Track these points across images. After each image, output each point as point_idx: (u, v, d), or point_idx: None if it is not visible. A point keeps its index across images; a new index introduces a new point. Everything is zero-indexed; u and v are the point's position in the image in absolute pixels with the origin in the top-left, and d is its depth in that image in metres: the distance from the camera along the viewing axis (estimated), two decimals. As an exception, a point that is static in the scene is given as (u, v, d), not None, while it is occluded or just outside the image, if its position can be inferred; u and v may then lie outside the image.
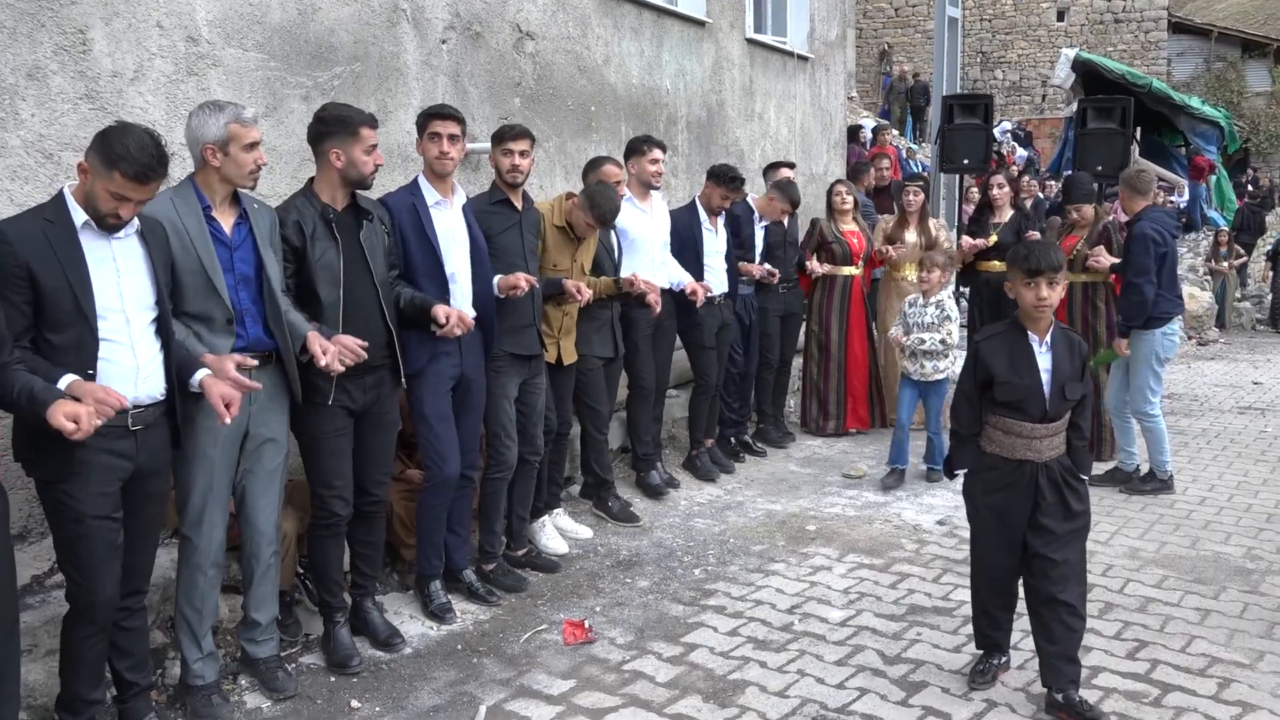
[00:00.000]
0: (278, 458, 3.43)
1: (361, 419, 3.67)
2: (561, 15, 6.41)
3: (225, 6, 4.38)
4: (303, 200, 3.57)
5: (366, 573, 3.93)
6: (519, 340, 4.37)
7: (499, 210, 4.34)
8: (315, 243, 3.49)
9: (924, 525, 5.29)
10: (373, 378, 3.64)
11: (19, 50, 3.67)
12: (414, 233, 3.90)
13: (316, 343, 3.25)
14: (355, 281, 3.57)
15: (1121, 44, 26.34)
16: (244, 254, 3.28)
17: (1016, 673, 3.65)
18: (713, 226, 5.93)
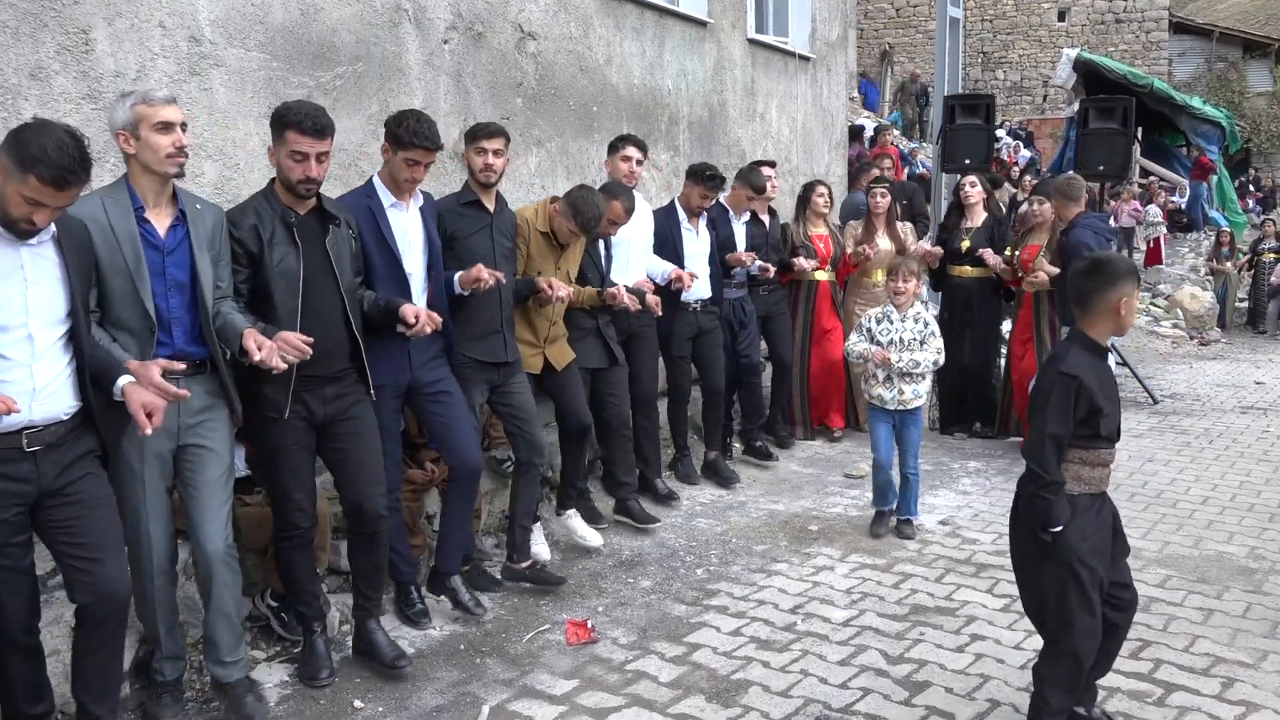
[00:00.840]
0: (219, 469, 3.23)
1: (330, 430, 3.49)
2: (563, 15, 6.41)
3: (228, 6, 4.38)
4: (262, 202, 3.38)
5: (369, 594, 3.73)
6: (483, 346, 4.19)
7: (469, 211, 4.19)
8: (273, 248, 3.32)
9: (927, 525, 5.28)
10: (334, 389, 3.47)
11: (21, 50, 3.67)
12: (371, 235, 3.75)
13: (251, 338, 3.04)
14: (318, 289, 3.39)
15: (1123, 44, 26.34)
16: (178, 258, 3.09)
17: (1018, 672, 3.65)
18: (693, 227, 5.76)
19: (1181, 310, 13.21)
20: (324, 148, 3.34)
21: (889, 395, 5.09)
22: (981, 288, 6.92)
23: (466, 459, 4.00)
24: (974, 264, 6.80)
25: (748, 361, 6.28)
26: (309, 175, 3.32)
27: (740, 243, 6.16)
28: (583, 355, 4.83)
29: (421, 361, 3.88)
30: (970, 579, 4.54)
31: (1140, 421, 7.75)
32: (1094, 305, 2.93)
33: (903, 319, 5.10)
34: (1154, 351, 11.13)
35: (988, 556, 4.82)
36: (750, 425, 6.51)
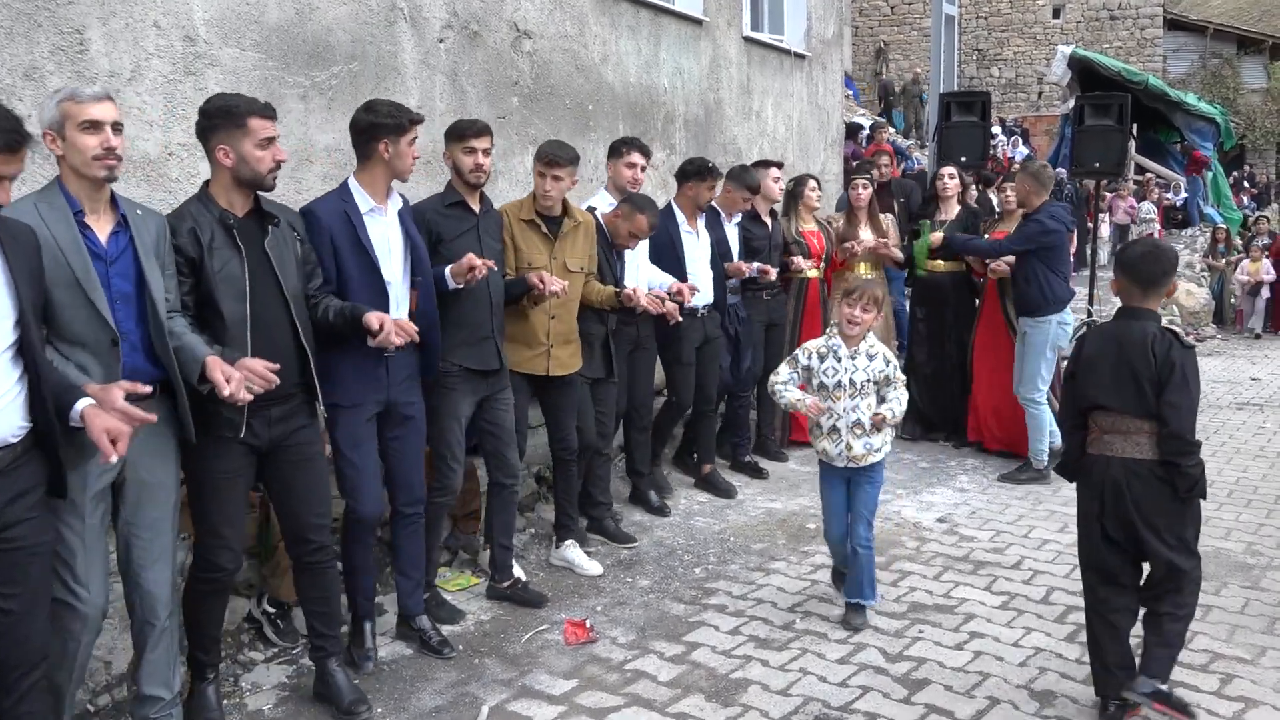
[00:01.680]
0: (165, 505, 2.97)
1: (274, 457, 3.21)
2: (559, 14, 6.40)
3: (223, 6, 4.37)
4: (198, 205, 3.12)
5: (324, 632, 3.43)
6: (473, 354, 3.97)
7: (454, 213, 3.98)
8: (215, 253, 3.05)
9: (924, 523, 5.28)
10: (281, 409, 3.16)
11: (15, 50, 3.66)
12: (347, 241, 3.48)
13: (218, 369, 2.80)
14: (261, 296, 3.11)
15: (1117, 40, 26.39)
16: (122, 268, 2.82)
17: (1017, 669, 3.65)
18: (693, 229, 5.51)
19: (1177, 307, 13.23)
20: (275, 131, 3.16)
21: (835, 450, 3.98)
22: (955, 283, 6.73)
23: (413, 492, 3.77)
24: (947, 259, 6.64)
25: (752, 373, 6.08)
26: (279, 159, 3.15)
27: (734, 245, 5.88)
28: (586, 364, 4.65)
29: (400, 379, 3.62)
30: (968, 576, 4.55)
31: (1137, 418, 7.75)
32: (1158, 286, 3.22)
33: (853, 355, 3.96)
34: (1150, 348, 11.13)
35: (985, 554, 4.82)
36: (741, 440, 6.29)
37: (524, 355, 4.33)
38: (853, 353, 3.97)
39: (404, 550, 3.84)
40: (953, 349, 6.77)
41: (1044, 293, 5.83)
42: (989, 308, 6.46)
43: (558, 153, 4.25)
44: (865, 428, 3.92)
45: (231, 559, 3.18)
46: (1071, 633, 3.95)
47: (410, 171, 3.60)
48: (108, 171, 2.75)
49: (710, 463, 5.91)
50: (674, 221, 5.45)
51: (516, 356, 4.29)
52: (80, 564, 2.75)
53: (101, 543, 2.82)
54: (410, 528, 3.81)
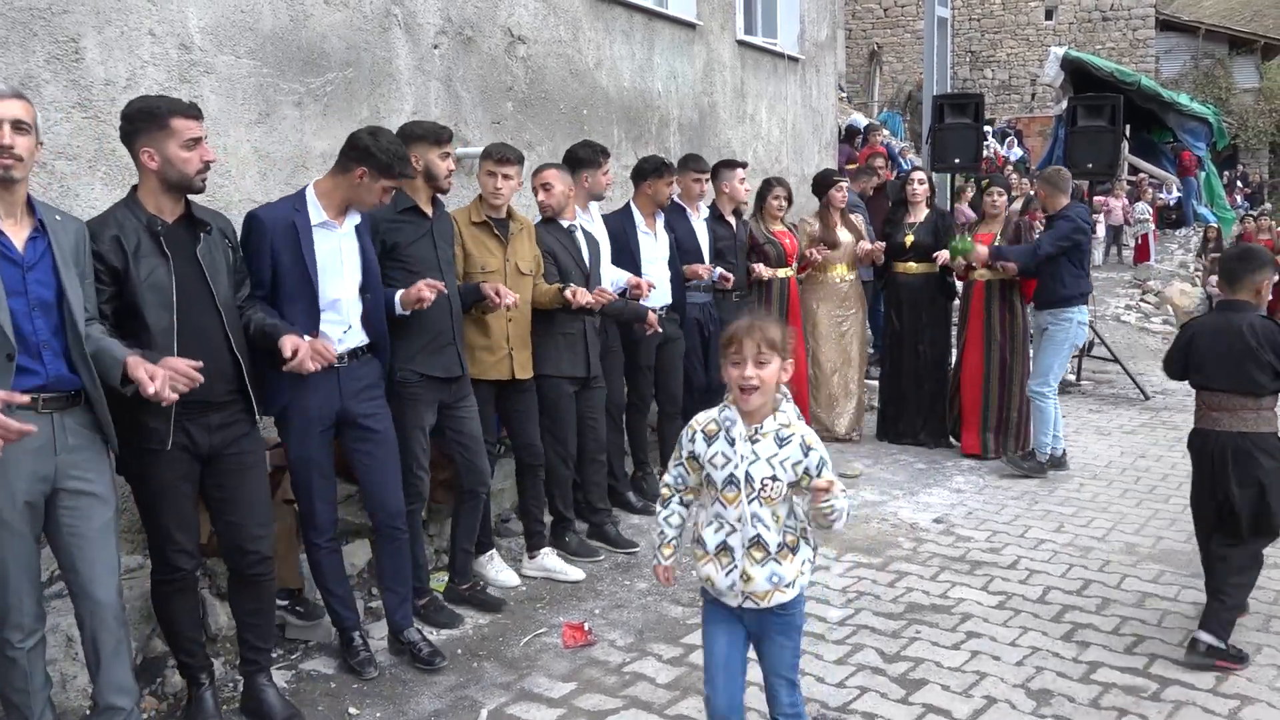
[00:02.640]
0: (105, 513, 2.86)
1: (215, 465, 3.16)
2: (553, 19, 6.42)
3: (217, 14, 4.38)
4: (123, 211, 3.01)
5: (257, 645, 3.36)
6: (434, 361, 3.89)
7: (407, 219, 3.86)
8: (140, 260, 2.95)
9: (921, 524, 5.30)
10: (219, 416, 3.11)
11: (11, 60, 3.67)
12: (288, 251, 3.38)
13: (140, 368, 2.70)
14: (192, 305, 3.03)
15: (1110, 42, 26.46)
16: (40, 275, 2.70)
17: (1014, 669, 3.66)
18: (650, 230, 5.42)
19: (1171, 306, 13.27)
20: (202, 131, 3.05)
21: (724, 582, 2.67)
22: (928, 284, 6.68)
23: (390, 508, 3.70)
24: (919, 260, 6.61)
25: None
26: (207, 160, 3.03)
27: (702, 240, 5.78)
28: (567, 364, 4.62)
29: (355, 389, 3.53)
30: (965, 576, 4.56)
31: (1132, 418, 7.79)
32: (1242, 284, 3.78)
33: (754, 435, 2.60)
34: (1145, 348, 11.18)
35: (982, 554, 4.84)
36: None
37: (487, 361, 4.27)
38: (753, 432, 2.59)
39: (387, 565, 3.80)
40: (927, 349, 6.76)
41: (1068, 287, 5.97)
42: (976, 309, 6.44)
43: (507, 152, 4.23)
44: (769, 549, 2.59)
45: (188, 560, 3.16)
46: (1068, 631, 3.97)
47: (368, 208, 3.53)
48: (3, 171, 2.60)
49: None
50: (631, 222, 5.39)
51: (479, 364, 4.24)
52: (13, 582, 2.68)
53: (29, 555, 2.73)
54: (392, 543, 3.76)
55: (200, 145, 3.00)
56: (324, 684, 3.63)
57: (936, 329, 6.78)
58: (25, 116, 2.64)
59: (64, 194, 3.79)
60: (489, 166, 4.23)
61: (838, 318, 6.84)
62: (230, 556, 3.29)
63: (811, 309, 6.79)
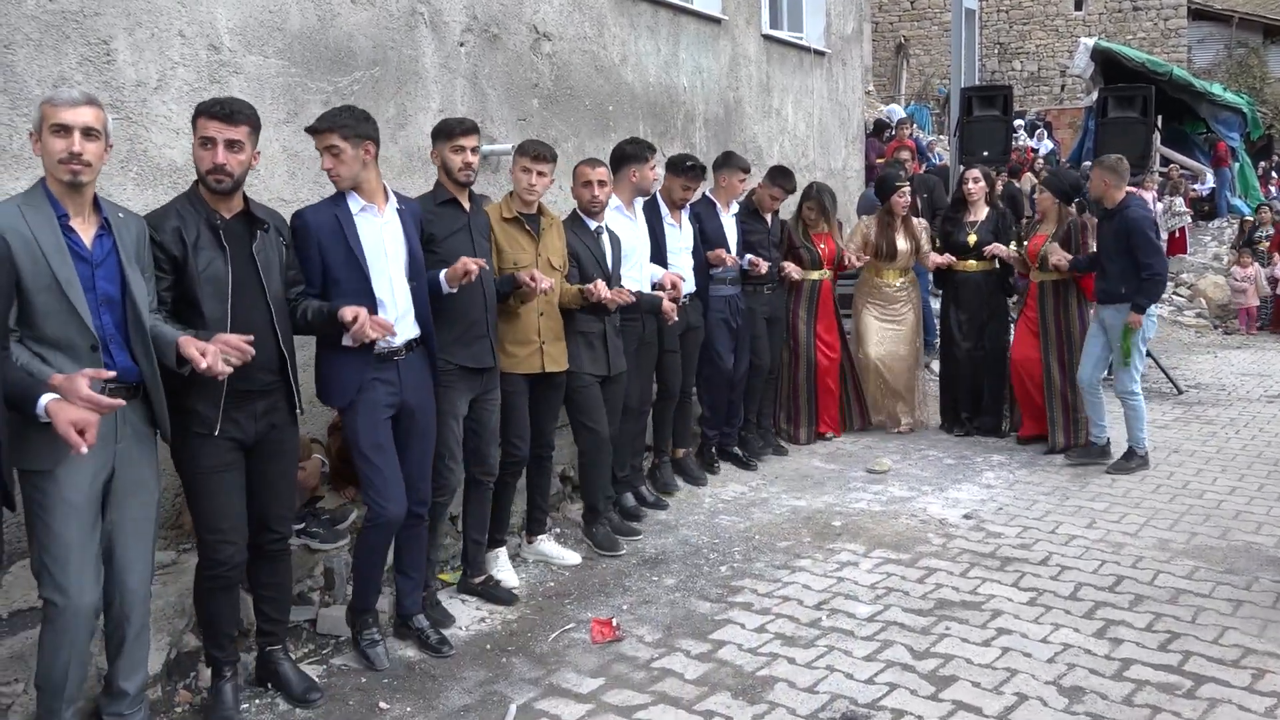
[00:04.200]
0: (149, 504, 2.97)
1: (255, 451, 3.26)
2: (578, 16, 6.42)
3: (246, 14, 4.42)
4: (185, 205, 3.13)
5: (274, 618, 3.49)
6: (469, 352, 3.97)
7: (446, 211, 3.96)
8: (199, 252, 3.07)
9: (950, 519, 5.26)
10: (264, 403, 3.23)
11: (45, 62, 3.72)
12: (335, 244, 3.48)
13: (191, 345, 2.80)
14: (245, 298, 3.14)
15: (1141, 32, 26.12)
16: (107, 271, 2.83)
17: (1045, 666, 3.63)
18: (676, 222, 5.51)
19: (1205, 299, 13.07)
20: (234, 134, 3.06)
21: None
22: (988, 282, 6.76)
23: (419, 494, 3.76)
24: (979, 259, 6.66)
25: (758, 362, 6.14)
26: (217, 163, 3.04)
27: (730, 236, 5.87)
28: (587, 362, 4.66)
29: (413, 382, 3.66)
30: (995, 573, 4.53)
31: (1165, 412, 7.69)
32: None
33: None
34: (1178, 341, 11.04)
35: (1012, 550, 4.80)
36: (730, 430, 6.27)
37: (518, 355, 4.31)
38: None
39: (406, 550, 3.85)
40: (988, 345, 6.81)
41: (1132, 280, 5.80)
42: (1029, 308, 6.46)
43: (542, 149, 4.26)
44: None
45: (234, 552, 3.22)
46: (1100, 629, 3.93)
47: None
48: (71, 176, 2.72)
49: (685, 447, 5.95)
50: (658, 213, 5.46)
51: (510, 358, 4.28)
52: (74, 563, 2.76)
53: (94, 542, 2.84)
54: (413, 529, 3.81)
55: (215, 147, 3.03)
56: (354, 678, 3.65)
57: (996, 326, 6.83)
58: (95, 123, 2.75)
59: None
60: (524, 163, 4.25)
61: (886, 319, 6.93)
62: (254, 534, 3.35)
63: (859, 310, 6.90)
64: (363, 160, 3.49)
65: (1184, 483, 5.85)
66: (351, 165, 3.48)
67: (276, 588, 3.49)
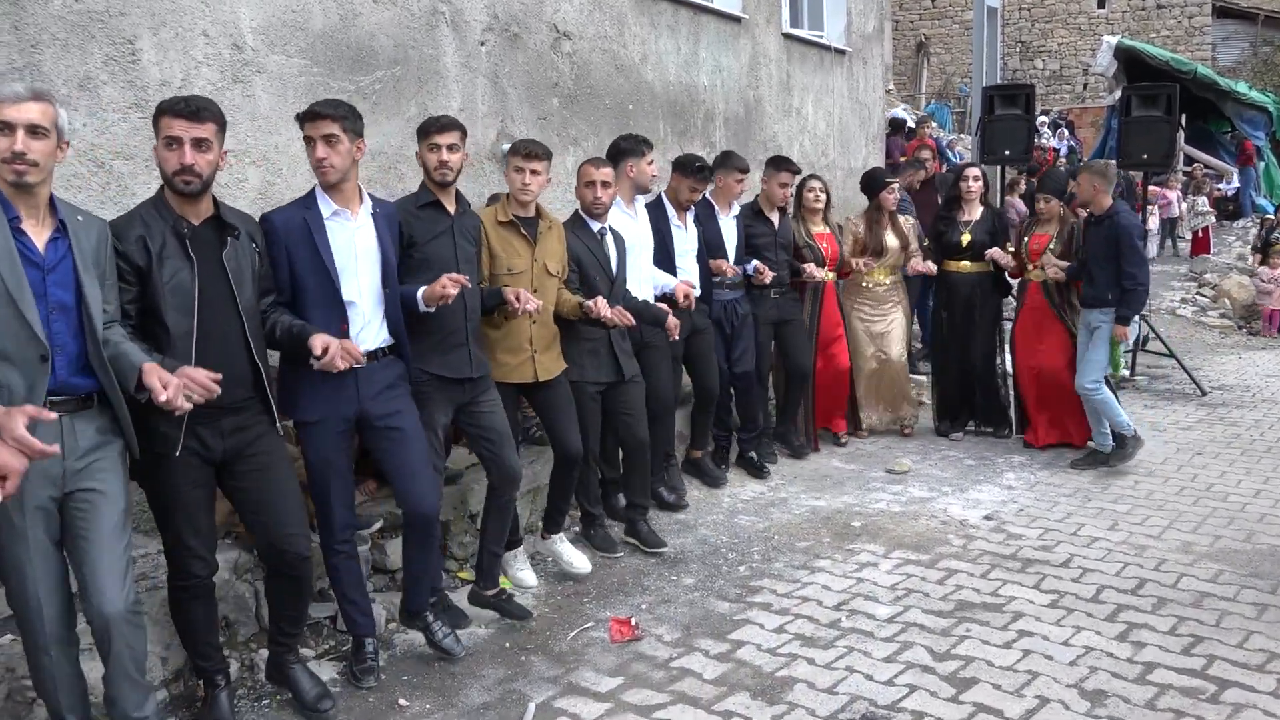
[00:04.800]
0: (114, 515, 2.78)
1: (233, 468, 3.11)
2: (598, 15, 6.42)
3: (269, 14, 4.44)
4: (150, 211, 2.95)
5: (289, 631, 3.42)
6: (445, 361, 3.79)
7: (427, 214, 3.77)
8: (164, 262, 2.89)
9: (971, 520, 5.23)
10: (232, 421, 3.05)
11: (70, 62, 3.75)
12: (304, 250, 3.31)
13: (154, 375, 2.65)
14: (214, 309, 2.98)
15: (1164, 30, 25.91)
16: (60, 277, 2.65)
17: (1067, 669, 3.61)
18: (681, 223, 5.39)
19: (1229, 300, 12.94)
20: (201, 132, 2.89)
21: None
22: (982, 283, 6.59)
23: (420, 505, 3.58)
24: (973, 259, 6.51)
25: (742, 370, 5.82)
26: (185, 163, 2.86)
27: (729, 240, 5.69)
28: (590, 369, 4.52)
29: (374, 391, 3.46)
30: (1016, 575, 4.50)
31: (1189, 414, 7.63)
32: None
33: None
34: (1201, 342, 10.94)
35: (1034, 552, 4.77)
36: (745, 437, 6.11)
37: (509, 364, 4.15)
38: None
39: (417, 561, 3.71)
40: (980, 347, 6.67)
41: (1119, 286, 5.77)
42: (1031, 306, 6.36)
43: (534, 147, 4.11)
44: None
45: (203, 566, 3.11)
46: (1122, 631, 3.90)
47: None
48: (15, 177, 2.54)
49: (701, 449, 5.86)
50: (664, 214, 5.34)
51: (501, 366, 4.12)
52: (30, 582, 2.65)
53: (51, 559, 2.70)
54: (426, 541, 3.68)
55: (181, 147, 2.86)
56: (374, 675, 3.66)
57: (988, 327, 6.69)
58: (43, 120, 2.57)
59: (122, 193, 3.86)
60: (516, 162, 4.10)
61: (872, 320, 6.70)
62: (266, 557, 3.26)
63: (847, 311, 6.64)
64: (353, 157, 3.38)
65: (1208, 485, 5.80)
66: (345, 159, 3.34)
67: (296, 605, 3.38)
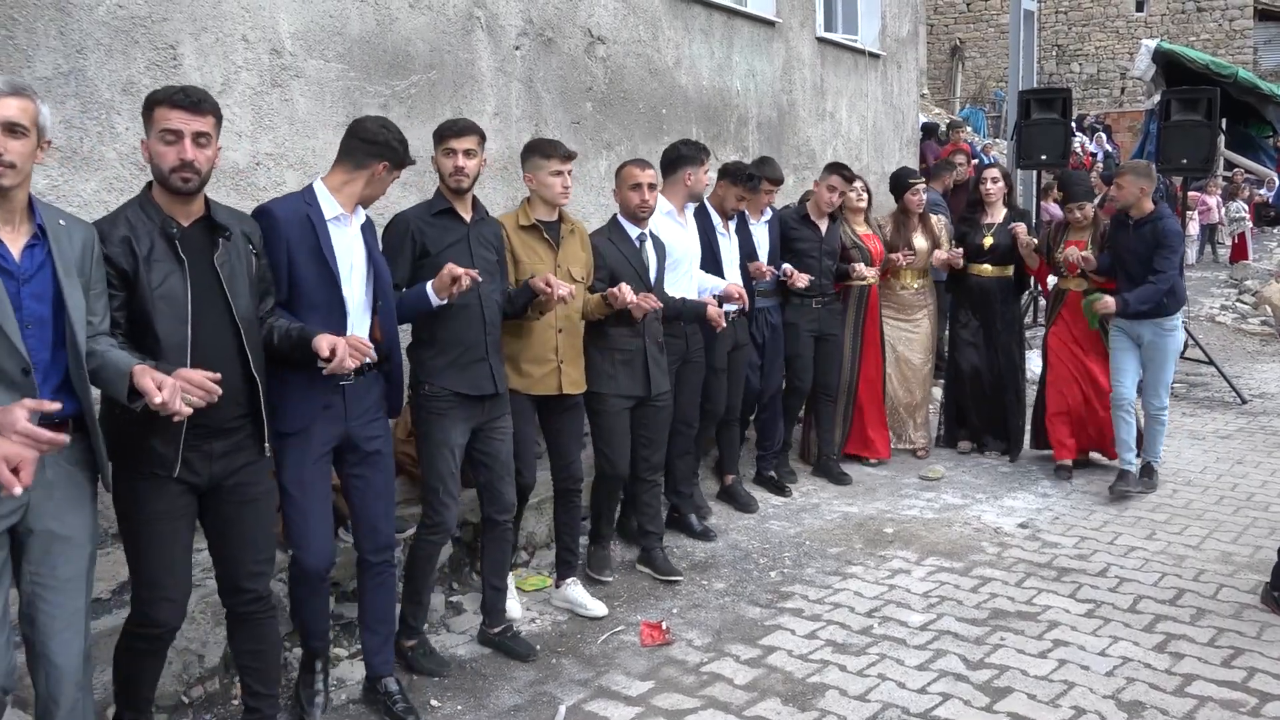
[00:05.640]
0: (78, 562, 2.51)
1: (213, 497, 2.85)
2: (632, 19, 6.44)
3: (307, 19, 4.49)
4: (136, 211, 2.71)
5: (260, 691, 3.05)
6: (465, 378, 3.58)
7: (442, 222, 3.60)
8: (153, 266, 2.66)
9: (1005, 528, 5.18)
10: (223, 444, 2.79)
11: (114, 66, 3.81)
12: (306, 250, 3.07)
13: (147, 376, 2.39)
14: (206, 318, 2.73)
15: (1204, 33, 25.57)
16: (37, 287, 2.42)
17: (1105, 679, 3.56)
18: (726, 231, 5.24)
19: (1270, 306, 12.73)
20: (201, 126, 2.67)
21: None
22: (1001, 287, 6.37)
23: (383, 539, 3.37)
24: (994, 263, 6.32)
25: (771, 383, 5.68)
26: (184, 158, 2.65)
27: (761, 247, 5.52)
28: (624, 382, 4.31)
29: (359, 410, 3.23)
30: (1051, 583, 4.45)
31: (1228, 422, 7.51)
32: None
33: None
34: (1241, 349, 10.76)
35: (1070, 560, 4.71)
36: (765, 453, 5.94)
37: (533, 375, 3.99)
38: None
39: (370, 603, 3.42)
40: (1001, 356, 6.42)
41: (1173, 295, 5.49)
42: (1067, 316, 6.06)
43: (567, 148, 3.99)
44: None
45: (172, 612, 2.79)
46: (1160, 642, 3.84)
47: (374, 201, 3.30)
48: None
49: (733, 473, 5.61)
50: (710, 222, 5.18)
51: (525, 378, 3.97)
52: None
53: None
54: (378, 578, 3.41)
55: (181, 141, 2.64)
56: (405, 675, 3.68)
57: (1009, 333, 6.43)
58: (22, 118, 2.36)
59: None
60: (555, 166, 3.97)
61: (901, 326, 6.50)
62: (226, 595, 2.99)
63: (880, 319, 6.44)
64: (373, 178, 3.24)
65: (1248, 495, 5.71)
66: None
67: (260, 656, 3.05)
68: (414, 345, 3.67)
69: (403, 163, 3.27)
